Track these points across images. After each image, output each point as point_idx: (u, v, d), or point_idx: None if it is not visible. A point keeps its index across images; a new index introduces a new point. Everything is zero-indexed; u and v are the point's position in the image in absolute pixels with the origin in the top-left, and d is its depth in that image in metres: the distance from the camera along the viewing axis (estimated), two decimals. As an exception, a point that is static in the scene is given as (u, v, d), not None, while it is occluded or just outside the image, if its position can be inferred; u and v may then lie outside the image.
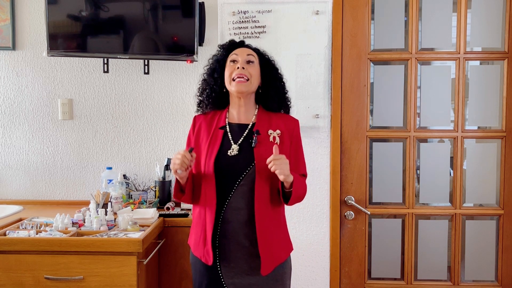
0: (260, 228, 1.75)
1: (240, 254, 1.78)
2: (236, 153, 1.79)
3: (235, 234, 1.78)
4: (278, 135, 1.82)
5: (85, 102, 2.79)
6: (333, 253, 2.63)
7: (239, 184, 1.76)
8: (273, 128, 1.83)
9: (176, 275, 2.39)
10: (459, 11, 2.55)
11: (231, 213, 1.77)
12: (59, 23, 2.52)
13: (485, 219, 2.65)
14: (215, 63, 1.90)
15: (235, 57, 1.85)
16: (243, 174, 1.76)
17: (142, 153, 2.80)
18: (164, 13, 2.55)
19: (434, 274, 2.65)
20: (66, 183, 2.82)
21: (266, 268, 1.77)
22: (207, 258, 1.78)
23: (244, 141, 1.81)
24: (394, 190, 2.63)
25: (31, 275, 2.02)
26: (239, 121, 1.86)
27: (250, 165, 1.76)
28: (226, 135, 1.83)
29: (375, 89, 2.61)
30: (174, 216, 2.42)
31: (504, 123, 2.57)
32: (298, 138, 1.90)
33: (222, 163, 1.77)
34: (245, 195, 1.76)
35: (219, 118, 1.88)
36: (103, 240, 2.02)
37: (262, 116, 1.86)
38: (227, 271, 1.79)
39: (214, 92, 1.88)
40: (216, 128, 1.86)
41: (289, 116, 1.92)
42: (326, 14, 2.56)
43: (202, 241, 1.80)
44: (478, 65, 2.62)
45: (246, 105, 1.86)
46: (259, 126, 1.83)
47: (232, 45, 1.91)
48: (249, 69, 1.82)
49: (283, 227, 1.88)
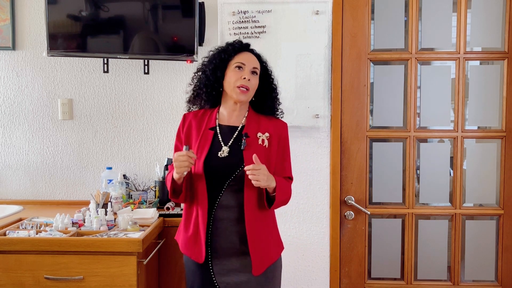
0: (250, 229, 1.80)
1: (231, 252, 1.82)
2: (226, 154, 1.83)
3: (226, 231, 1.82)
4: (267, 138, 1.86)
5: (85, 102, 2.79)
6: (333, 253, 2.63)
7: (229, 184, 1.81)
8: (262, 130, 1.87)
9: (176, 275, 2.39)
10: (459, 11, 2.55)
11: (222, 212, 1.81)
12: (59, 23, 2.52)
13: (485, 219, 2.65)
14: (219, 60, 1.88)
15: (241, 65, 1.85)
16: (233, 175, 1.80)
17: (142, 153, 2.80)
18: (164, 13, 2.55)
19: (434, 274, 2.65)
20: (66, 183, 2.82)
21: (258, 268, 1.81)
22: (198, 256, 1.82)
23: (233, 143, 1.85)
24: (394, 190, 2.63)
25: (31, 275, 2.02)
26: (229, 123, 1.90)
27: (239, 167, 1.80)
28: (216, 137, 1.87)
29: (375, 89, 2.62)
30: (174, 216, 2.42)
31: (504, 123, 2.57)
32: (286, 141, 1.93)
33: (213, 164, 1.81)
34: (235, 194, 1.81)
35: (209, 118, 1.91)
36: (103, 240, 2.02)
37: (252, 118, 1.90)
38: (219, 269, 1.83)
39: (214, 90, 1.89)
40: (206, 128, 1.89)
41: (278, 120, 1.96)
42: (326, 14, 2.56)
43: (192, 239, 1.84)
44: (478, 65, 2.63)
45: (240, 110, 1.90)
46: (249, 129, 1.86)
47: (240, 47, 1.91)
48: (252, 81, 1.85)
49: (273, 227, 1.93)
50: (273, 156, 1.86)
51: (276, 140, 1.88)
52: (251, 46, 1.94)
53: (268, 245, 1.86)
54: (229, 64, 1.87)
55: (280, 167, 1.89)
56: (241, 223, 1.81)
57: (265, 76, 1.93)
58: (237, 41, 1.93)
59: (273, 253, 1.88)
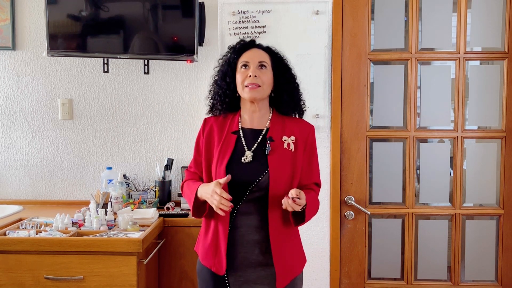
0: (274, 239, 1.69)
1: (248, 262, 1.72)
2: (250, 159, 1.72)
3: (244, 240, 1.71)
4: (293, 142, 1.75)
5: (85, 102, 2.79)
6: (333, 253, 2.63)
7: (251, 190, 1.70)
8: (287, 134, 1.76)
9: (176, 275, 2.39)
10: (459, 11, 2.55)
11: (241, 218, 1.71)
12: (59, 23, 2.52)
13: (485, 219, 2.65)
14: (226, 66, 1.80)
15: (246, 62, 1.76)
16: (256, 181, 1.69)
17: (142, 153, 2.80)
18: (164, 13, 2.55)
19: (434, 274, 2.64)
20: (66, 183, 2.82)
21: (282, 281, 1.71)
22: (218, 267, 1.71)
23: (257, 147, 1.75)
24: (394, 190, 2.63)
25: (31, 275, 2.03)
26: (252, 126, 1.79)
27: (263, 172, 1.70)
28: (239, 141, 1.76)
29: (375, 89, 2.61)
30: (174, 216, 2.42)
31: (504, 123, 2.57)
32: (313, 145, 1.81)
33: (235, 170, 1.70)
34: (256, 201, 1.71)
35: (232, 122, 1.80)
36: (103, 240, 2.02)
37: (276, 121, 1.79)
38: (234, 280, 1.72)
39: (227, 97, 1.79)
40: (228, 132, 1.78)
41: (304, 121, 1.84)
42: (326, 14, 2.56)
43: (212, 249, 1.73)
44: (478, 65, 2.62)
45: (260, 110, 1.78)
46: (273, 132, 1.76)
47: (243, 46, 1.81)
48: (262, 76, 1.74)
49: (296, 239, 1.82)
50: (299, 160, 1.73)
51: (302, 143, 1.77)
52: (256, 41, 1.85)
53: (293, 257, 1.76)
54: (237, 67, 1.78)
55: (307, 172, 1.77)
56: (262, 232, 1.70)
57: (279, 68, 1.80)
58: (240, 41, 1.84)
59: (297, 266, 1.78)
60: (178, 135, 2.78)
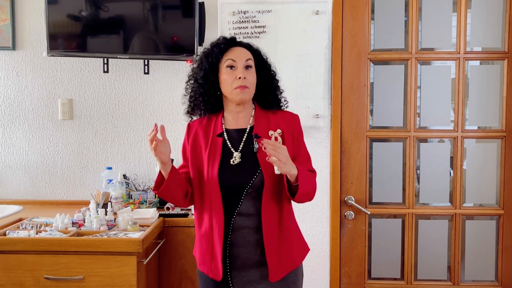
0: (267, 235, 1.67)
1: (250, 263, 1.70)
2: (239, 160, 1.70)
3: (245, 241, 1.69)
4: (280, 135, 1.73)
5: (85, 102, 2.79)
6: (333, 253, 2.63)
7: (247, 192, 1.68)
8: (272, 128, 1.74)
9: (176, 275, 2.39)
10: (459, 11, 2.55)
11: (241, 220, 1.69)
12: (59, 23, 2.52)
13: (485, 219, 2.65)
14: (209, 66, 1.73)
15: (232, 63, 1.70)
16: (251, 182, 1.67)
17: (142, 153, 2.80)
18: (164, 13, 2.55)
19: (434, 274, 2.65)
20: (66, 183, 2.82)
21: (275, 274, 1.69)
22: (215, 273, 1.70)
23: (244, 146, 1.72)
24: (394, 190, 2.63)
25: (31, 275, 2.03)
26: (236, 126, 1.76)
27: (256, 172, 1.67)
28: (225, 143, 1.73)
29: (375, 89, 2.61)
30: (174, 216, 2.42)
31: (504, 123, 2.57)
32: (299, 134, 1.79)
33: (227, 174, 1.68)
34: (254, 201, 1.69)
35: (215, 124, 1.77)
36: (103, 240, 2.02)
37: (260, 116, 1.76)
38: (238, 280, 1.71)
39: (212, 96, 1.75)
40: (213, 135, 1.75)
41: (288, 112, 1.81)
42: (326, 14, 2.56)
43: (209, 255, 1.72)
44: (478, 65, 2.62)
45: (244, 110, 1.76)
46: (258, 129, 1.72)
47: (226, 44, 1.75)
48: (248, 77, 1.70)
49: (294, 232, 1.79)
50: (289, 152, 1.65)
51: (289, 135, 1.74)
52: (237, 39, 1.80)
53: (290, 251, 1.73)
54: (220, 65, 1.72)
55: (298, 162, 1.71)
56: (261, 232, 1.68)
57: (261, 66, 1.77)
58: (220, 38, 1.77)
59: (295, 258, 1.75)
60: (178, 135, 2.78)
